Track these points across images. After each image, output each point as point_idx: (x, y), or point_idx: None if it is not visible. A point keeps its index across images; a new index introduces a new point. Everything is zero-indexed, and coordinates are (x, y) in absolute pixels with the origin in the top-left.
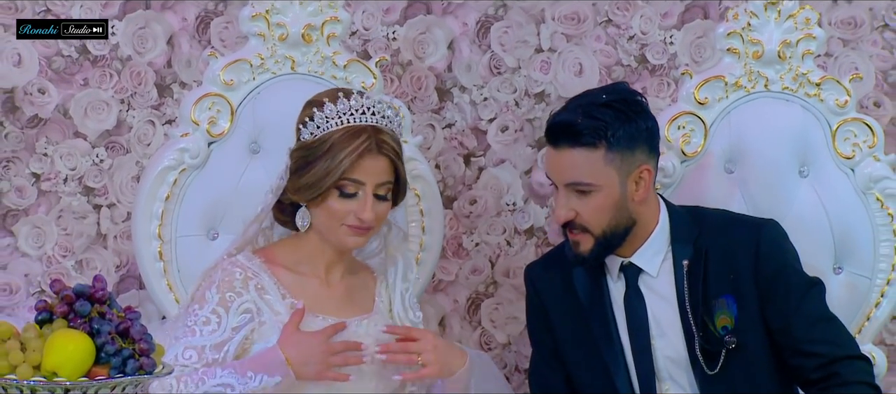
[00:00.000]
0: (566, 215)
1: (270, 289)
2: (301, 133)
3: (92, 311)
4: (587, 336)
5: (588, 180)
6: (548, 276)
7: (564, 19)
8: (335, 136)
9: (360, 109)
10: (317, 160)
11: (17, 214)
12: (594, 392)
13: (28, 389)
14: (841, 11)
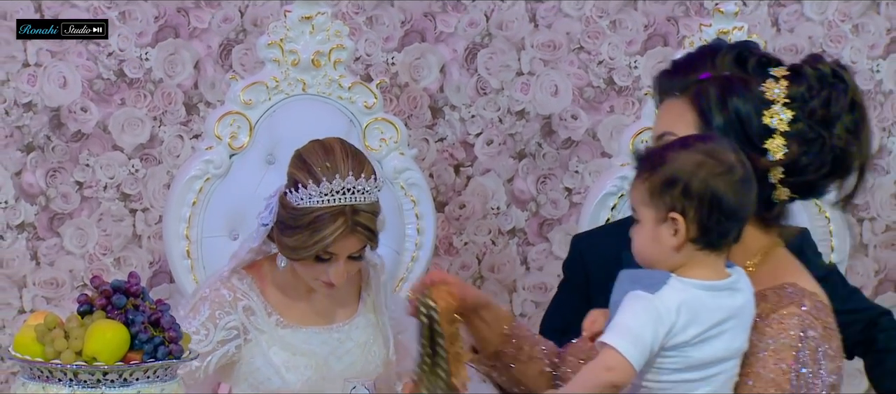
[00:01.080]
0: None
1: (258, 310)
2: (291, 194)
3: (127, 303)
4: None
5: None
6: (599, 246)
7: (542, 46)
8: (316, 212)
9: (342, 191)
10: (299, 229)
11: (62, 217)
12: None
13: (71, 372)
14: (784, 39)
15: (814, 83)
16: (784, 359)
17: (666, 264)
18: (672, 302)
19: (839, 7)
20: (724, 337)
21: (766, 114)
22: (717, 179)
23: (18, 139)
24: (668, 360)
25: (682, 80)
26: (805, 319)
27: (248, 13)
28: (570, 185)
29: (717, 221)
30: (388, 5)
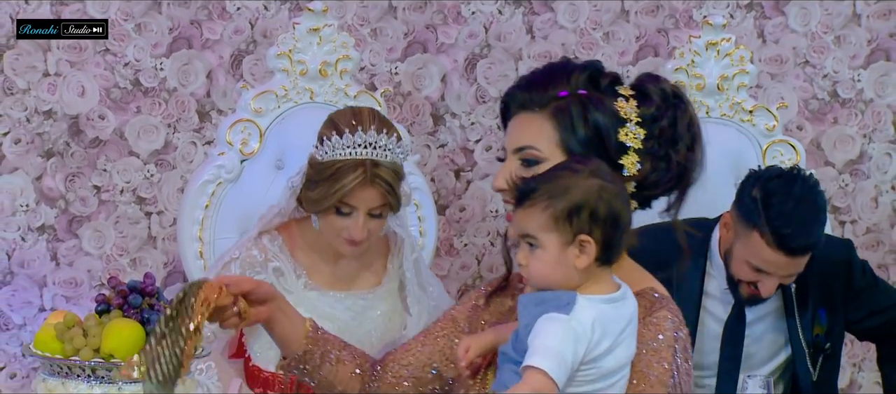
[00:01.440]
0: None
1: (287, 271)
2: (317, 149)
3: (143, 303)
4: None
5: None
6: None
7: (538, 57)
8: (338, 164)
9: (364, 144)
10: (322, 182)
11: (81, 219)
12: None
13: (89, 368)
14: (769, 50)
15: (660, 103)
16: (665, 358)
17: (569, 284)
18: (587, 320)
19: (822, 19)
20: (625, 344)
21: (621, 131)
22: (616, 201)
23: (39, 145)
24: (583, 373)
25: (540, 96)
26: (674, 320)
27: (258, 25)
28: None
29: (618, 238)
30: (391, 18)
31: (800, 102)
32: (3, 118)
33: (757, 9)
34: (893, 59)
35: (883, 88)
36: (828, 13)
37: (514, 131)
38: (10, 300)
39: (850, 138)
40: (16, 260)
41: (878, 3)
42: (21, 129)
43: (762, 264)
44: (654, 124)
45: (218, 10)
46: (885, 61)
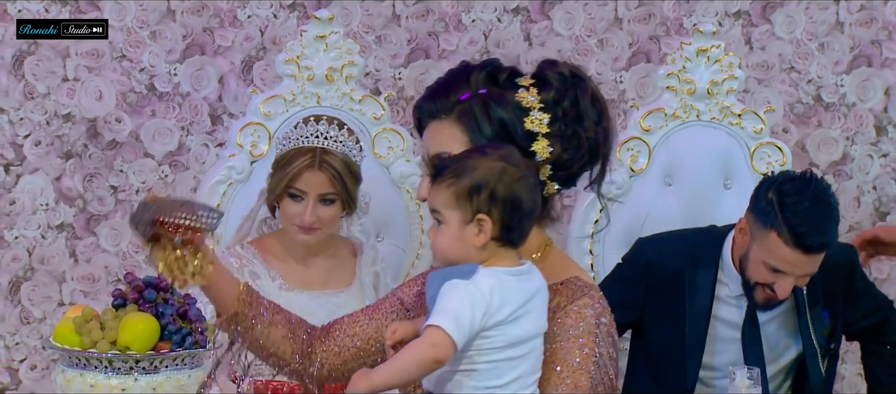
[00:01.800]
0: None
1: (262, 274)
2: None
3: (158, 297)
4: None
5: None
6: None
7: (535, 63)
8: (291, 153)
9: (315, 134)
10: (277, 171)
11: (98, 218)
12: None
13: (106, 360)
14: (756, 56)
15: (559, 86)
16: (586, 344)
17: (467, 260)
18: (485, 286)
19: (807, 27)
20: (531, 315)
21: (526, 120)
22: (518, 184)
23: (58, 147)
24: (490, 340)
25: (444, 103)
26: (597, 308)
27: (267, 32)
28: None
29: (517, 221)
30: (395, 25)
31: (786, 106)
32: (24, 121)
33: (745, 17)
34: (875, 65)
35: (865, 93)
36: (812, 21)
37: (428, 141)
38: (30, 295)
39: (833, 140)
40: (36, 257)
41: (860, 11)
42: (41, 131)
43: (780, 264)
44: (557, 107)
45: (229, 18)
46: (866, 67)
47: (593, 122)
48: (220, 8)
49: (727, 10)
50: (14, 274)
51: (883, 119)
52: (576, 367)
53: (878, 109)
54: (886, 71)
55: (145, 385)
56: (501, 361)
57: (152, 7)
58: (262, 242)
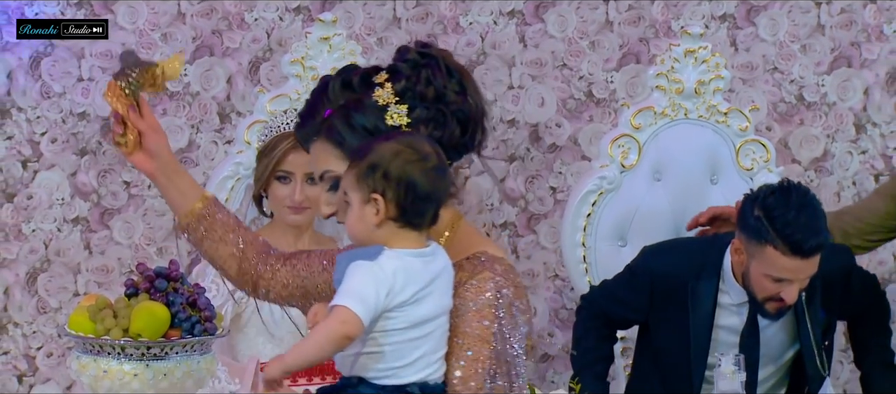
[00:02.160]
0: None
1: None
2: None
3: (168, 287)
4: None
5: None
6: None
7: (530, 63)
8: (274, 140)
9: (279, 127)
10: (262, 159)
11: (112, 212)
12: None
13: (119, 347)
14: (741, 57)
15: (410, 72)
16: (486, 317)
17: (371, 240)
18: (389, 267)
19: (789, 29)
20: (434, 296)
21: (387, 117)
22: (413, 166)
23: (74, 144)
24: (393, 321)
25: (313, 125)
26: (498, 281)
27: (274, 34)
28: (554, 184)
29: (412, 201)
30: (396, 28)
31: (769, 105)
32: (41, 119)
33: (730, 20)
34: (855, 66)
35: (845, 92)
36: (794, 24)
37: (312, 162)
38: (47, 286)
39: (814, 138)
40: (52, 249)
41: (840, 14)
42: (57, 129)
43: (782, 273)
44: (414, 93)
45: (237, 20)
46: (846, 68)
47: (455, 93)
48: (229, 11)
49: (713, 13)
50: (31, 265)
51: (862, 117)
52: (476, 338)
53: (857, 108)
54: (865, 71)
55: (156, 371)
56: (405, 342)
57: (163, 10)
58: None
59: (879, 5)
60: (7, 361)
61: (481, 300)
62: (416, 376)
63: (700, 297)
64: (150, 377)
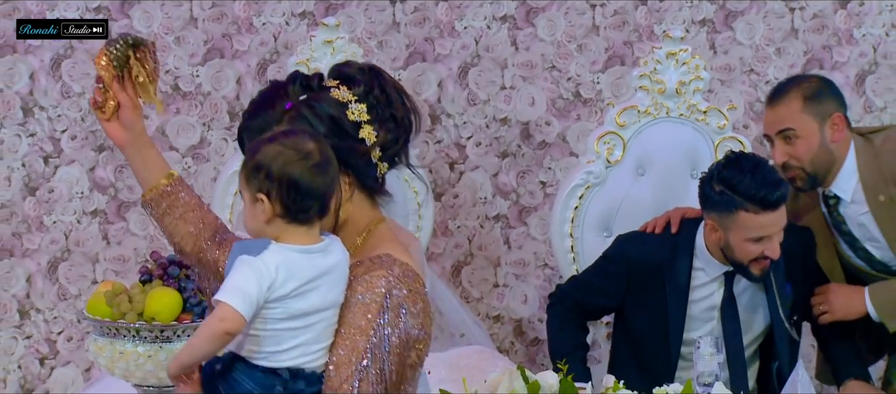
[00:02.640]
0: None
1: None
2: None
3: (180, 274)
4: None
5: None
6: (643, 254)
7: (521, 65)
8: None
9: None
10: None
11: (128, 205)
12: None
13: (134, 329)
14: (720, 60)
15: (364, 79)
16: (370, 311)
17: (264, 235)
18: (271, 263)
19: (765, 33)
20: (320, 291)
21: (348, 113)
22: (294, 166)
23: (92, 141)
24: (273, 311)
25: (272, 115)
26: (391, 281)
27: (280, 38)
28: (544, 179)
29: (295, 200)
30: (395, 31)
31: (746, 105)
32: (62, 118)
33: (709, 24)
34: (826, 68)
35: None
36: (770, 28)
37: None
38: (67, 274)
39: None
40: (72, 240)
41: (812, 19)
42: (77, 127)
43: (760, 232)
44: (369, 96)
45: (246, 25)
46: (818, 69)
47: (400, 102)
48: (238, 16)
49: (693, 18)
50: (52, 255)
51: None
52: (356, 329)
53: None
54: (836, 73)
55: (169, 352)
56: (283, 330)
57: (177, 15)
58: None
59: (849, 10)
60: (29, 344)
61: (369, 296)
62: (291, 363)
63: (676, 273)
64: (163, 359)
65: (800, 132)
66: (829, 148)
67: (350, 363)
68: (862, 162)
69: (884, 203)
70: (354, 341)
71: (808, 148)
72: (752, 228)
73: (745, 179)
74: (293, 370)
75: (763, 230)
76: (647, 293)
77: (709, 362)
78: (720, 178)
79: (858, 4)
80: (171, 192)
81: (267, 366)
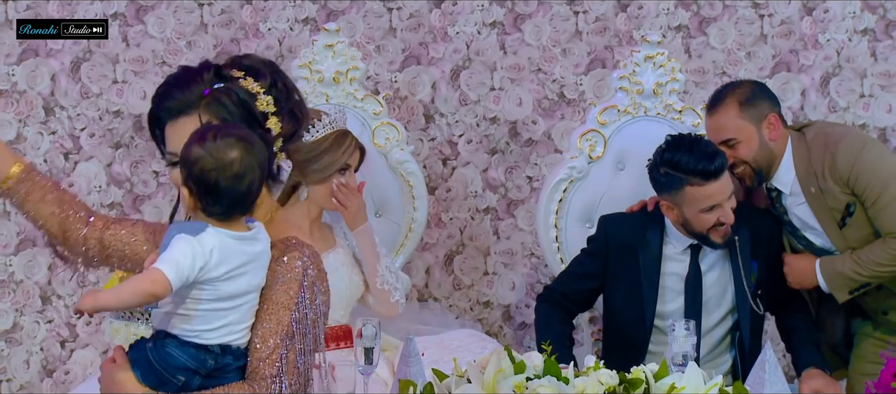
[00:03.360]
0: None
1: None
2: (302, 137)
3: None
4: (635, 279)
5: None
6: (621, 230)
7: (509, 68)
8: (331, 137)
9: (336, 121)
10: (322, 155)
11: (143, 198)
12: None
13: (147, 313)
14: (694, 63)
15: (267, 72)
16: (291, 288)
17: (197, 218)
18: (207, 244)
19: (736, 38)
20: (247, 275)
21: (257, 103)
22: (211, 173)
23: (109, 139)
24: (205, 292)
25: (188, 99)
26: (306, 261)
27: (284, 42)
28: (530, 174)
29: (209, 202)
30: (392, 36)
31: None
32: (81, 117)
33: (684, 30)
34: (793, 71)
35: (784, 94)
36: (741, 34)
37: (175, 135)
38: None
39: None
40: None
41: (780, 25)
42: (95, 125)
43: (709, 201)
44: (274, 89)
45: (253, 30)
46: (786, 72)
47: (297, 96)
48: (245, 22)
49: (670, 24)
50: None
51: (799, 116)
52: (280, 305)
53: (795, 108)
54: (802, 75)
55: None
56: (212, 311)
57: (188, 21)
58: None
59: (815, 17)
60: (51, 329)
61: (289, 275)
62: (219, 341)
63: (648, 244)
64: None
65: (740, 138)
66: (769, 146)
67: (276, 335)
68: (797, 157)
69: (815, 195)
70: (279, 317)
71: (750, 149)
72: (700, 200)
73: (685, 156)
74: (223, 346)
75: (711, 199)
76: (624, 268)
77: (683, 343)
78: (664, 161)
79: (823, 11)
80: (26, 177)
81: (199, 343)
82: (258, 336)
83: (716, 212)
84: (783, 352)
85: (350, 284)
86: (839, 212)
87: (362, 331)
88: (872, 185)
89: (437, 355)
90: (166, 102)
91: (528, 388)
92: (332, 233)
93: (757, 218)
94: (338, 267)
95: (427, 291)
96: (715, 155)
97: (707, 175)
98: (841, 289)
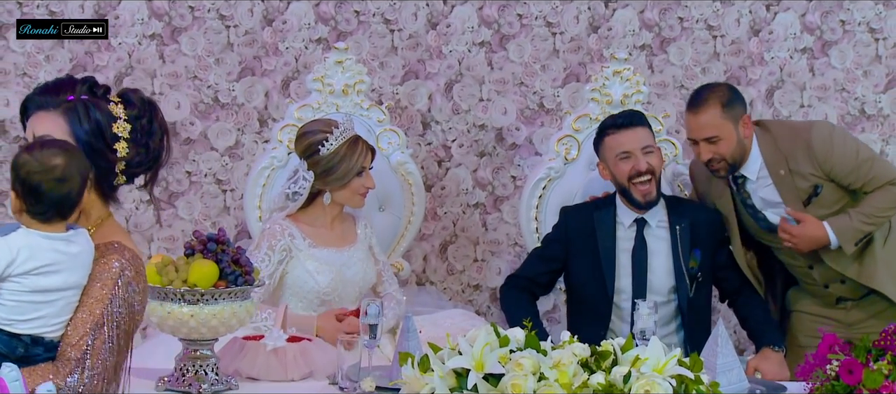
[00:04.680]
0: (643, 165)
1: (296, 236)
2: (318, 151)
3: (217, 249)
4: (593, 254)
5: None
6: (579, 216)
7: (496, 82)
8: (344, 146)
9: (346, 130)
10: (340, 163)
11: (177, 194)
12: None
13: (180, 294)
14: (656, 77)
15: (140, 106)
16: (106, 285)
17: (19, 220)
18: (15, 243)
19: (693, 56)
20: (62, 273)
21: (114, 125)
22: (35, 176)
23: None
24: (17, 284)
25: (54, 99)
26: (123, 264)
27: (300, 59)
28: (514, 174)
29: (31, 203)
30: (393, 54)
31: (678, 114)
32: None
33: (648, 49)
34: (742, 84)
35: None
36: (697, 52)
37: (34, 125)
38: None
39: None
40: (132, 223)
41: (731, 45)
42: None
43: (622, 147)
44: (137, 121)
45: (273, 48)
46: (737, 84)
47: (159, 138)
48: (266, 41)
49: (635, 44)
50: None
51: None
52: (94, 299)
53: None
54: (750, 88)
55: (209, 312)
56: (26, 303)
57: (216, 41)
58: (296, 217)
59: (761, 37)
60: None
61: (105, 274)
62: (32, 331)
63: (603, 221)
64: (204, 318)
65: (722, 136)
66: (743, 143)
67: (86, 324)
68: (762, 146)
69: (783, 176)
70: (91, 308)
71: (729, 146)
72: (615, 147)
73: (608, 120)
74: (34, 337)
75: (623, 146)
76: (582, 243)
77: (646, 320)
78: (597, 133)
79: (768, 33)
80: None
81: (10, 332)
82: (71, 326)
83: (631, 161)
84: (734, 327)
85: (364, 276)
86: (805, 192)
87: (368, 310)
88: (847, 155)
89: (433, 331)
90: (37, 96)
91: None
92: (355, 226)
93: (699, 213)
94: (355, 261)
95: (424, 276)
96: (631, 113)
97: (618, 124)
98: (849, 241)
